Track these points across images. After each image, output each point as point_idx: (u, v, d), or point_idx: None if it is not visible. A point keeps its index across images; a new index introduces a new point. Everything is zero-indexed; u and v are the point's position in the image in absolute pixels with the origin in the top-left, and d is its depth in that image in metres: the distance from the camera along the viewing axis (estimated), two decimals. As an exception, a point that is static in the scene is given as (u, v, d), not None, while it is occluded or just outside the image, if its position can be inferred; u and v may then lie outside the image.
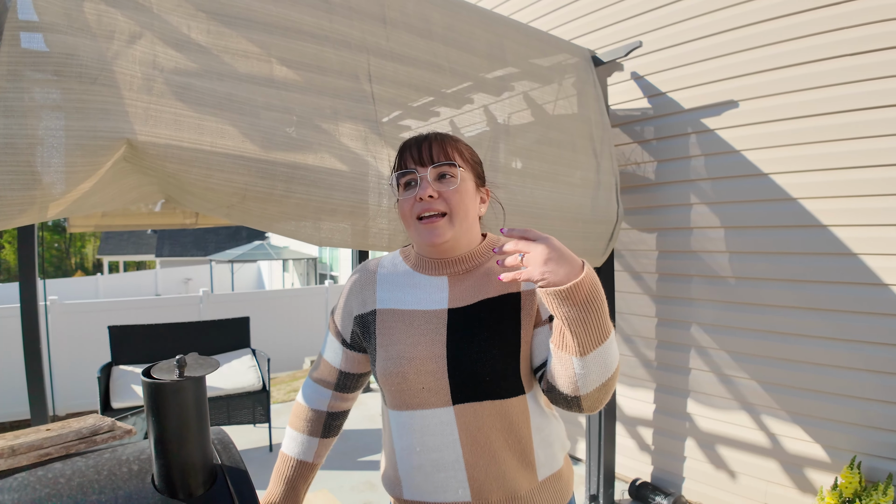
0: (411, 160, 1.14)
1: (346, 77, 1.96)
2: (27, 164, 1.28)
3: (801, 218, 2.73)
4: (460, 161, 1.16)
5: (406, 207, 1.14)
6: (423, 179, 1.12)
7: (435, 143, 1.15)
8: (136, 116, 1.44)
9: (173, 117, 1.51)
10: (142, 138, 1.44)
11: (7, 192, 1.28)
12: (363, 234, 2.00)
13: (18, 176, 1.29)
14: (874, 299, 2.53)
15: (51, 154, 1.31)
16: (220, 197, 1.66)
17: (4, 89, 1.27)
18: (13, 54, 1.29)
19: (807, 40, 2.65)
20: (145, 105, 1.47)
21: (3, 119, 1.26)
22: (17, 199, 1.30)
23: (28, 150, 1.28)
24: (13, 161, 1.27)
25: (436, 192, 1.11)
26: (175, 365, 0.88)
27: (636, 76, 3.39)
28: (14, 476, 0.87)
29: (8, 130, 1.26)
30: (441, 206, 1.12)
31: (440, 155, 1.14)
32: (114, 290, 17.94)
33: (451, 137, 1.18)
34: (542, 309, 1.14)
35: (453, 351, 1.11)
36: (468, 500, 1.12)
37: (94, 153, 1.37)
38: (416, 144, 1.15)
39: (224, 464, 0.97)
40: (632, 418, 3.60)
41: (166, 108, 1.51)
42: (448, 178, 1.13)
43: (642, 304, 3.48)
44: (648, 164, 3.39)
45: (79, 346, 7.24)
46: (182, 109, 1.53)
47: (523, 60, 2.68)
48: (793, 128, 2.73)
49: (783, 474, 2.86)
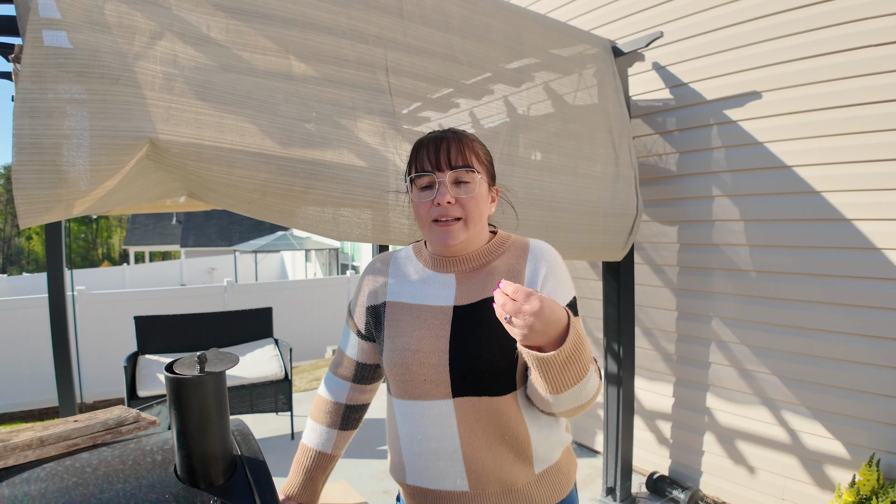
0: (428, 162, 1.15)
1: (364, 71, 1.98)
2: (53, 163, 1.32)
3: (826, 211, 2.69)
4: (477, 164, 1.17)
5: (423, 210, 1.16)
6: (441, 185, 1.13)
7: (453, 145, 1.15)
8: (157, 116, 1.47)
9: (194, 116, 1.54)
10: (164, 137, 1.47)
11: (34, 191, 1.32)
12: (383, 228, 2.02)
13: (45, 175, 1.32)
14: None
15: (75, 153, 1.34)
16: (241, 193, 1.69)
17: (29, 90, 1.30)
18: (37, 56, 1.32)
19: (832, 30, 2.60)
20: (166, 104, 1.49)
21: (29, 120, 1.29)
22: (43, 198, 1.34)
23: (53, 150, 1.32)
24: (39, 160, 1.31)
25: (454, 198, 1.13)
26: (196, 361, 0.91)
27: (657, 66, 3.35)
28: (42, 466, 0.91)
29: (33, 131, 1.30)
30: (457, 212, 1.14)
31: (458, 159, 1.15)
32: (140, 280, 18.28)
33: (467, 138, 1.19)
34: None
35: (455, 346, 1.14)
36: (466, 490, 1.16)
37: (117, 152, 1.40)
38: (433, 145, 1.16)
39: (244, 455, 0.99)
40: (650, 412, 3.59)
41: (187, 106, 1.53)
42: (465, 184, 1.15)
43: (663, 298, 3.45)
44: (670, 156, 3.36)
45: (106, 335, 7.40)
46: (202, 108, 1.56)
47: (542, 51, 2.67)
48: (817, 119, 2.68)
49: (802, 470, 2.84)
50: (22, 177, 1.30)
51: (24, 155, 1.29)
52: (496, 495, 1.16)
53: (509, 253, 1.21)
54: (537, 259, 1.18)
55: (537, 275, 1.17)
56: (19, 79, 1.32)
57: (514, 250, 1.22)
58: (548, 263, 1.18)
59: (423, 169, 1.15)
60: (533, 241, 1.23)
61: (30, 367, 6.98)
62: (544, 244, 1.23)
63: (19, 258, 42.12)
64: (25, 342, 7.07)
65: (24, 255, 42.42)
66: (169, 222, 24.78)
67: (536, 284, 1.16)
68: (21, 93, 1.30)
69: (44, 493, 0.84)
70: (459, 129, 1.22)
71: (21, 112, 1.29)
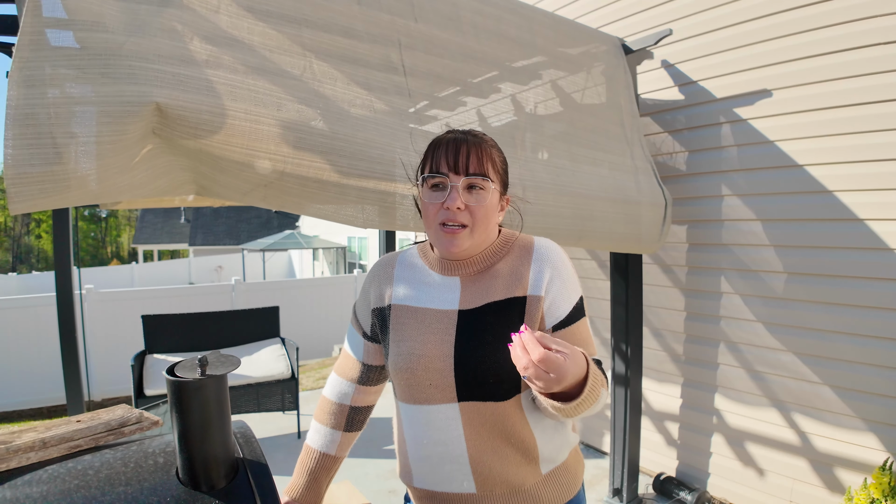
0: (445, 164, 1.12)
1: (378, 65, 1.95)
2: (49, 135, 1.21)
3: (837, 211, 2.66)
4: (492, 173, 1.15)
5: (431, 211, 1.14)
6: (453, 189, 1.11)
7: (473, 150, 1.13)
8: (165, 81, 1.37)
9: (206, 83, 1.45)
10: (172, 103, 1.37)
11: (27, 168, 1.20)
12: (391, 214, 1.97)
13: (39, 150, 1.21)
14: (912, 295, 2.45)
15: (75, 124, 1.23)
16: (255, 176, 1.62)
17: (26, 59, 1.22)
18: (35, 24, 1.24)
19: (843, 27, 2.56)
20: (175, 70, 1.40)
21: (25, 89, 1.20)
22: (36, 177, 1.22)
23: (50, 122, 1.21)
24: (33, 133, 1.20)
25: (464, 204, 1.11)
26: (197, 364, 0.90)
27: (666, 64, 3.33)
28: (45, 468, 0.90)
29: (29, 100, 1.20)
30: (465, 219, 1.12)
31: (475, 165, 1.12)
32: (148, 279, 18.40)
33: (486, 143, 1.16)
34: (546, 316, 1.15)
35: (460, 351, 1.13)
36: (473, 492, 1.15)
37: (120, 120, 1.30)
38: (452, 147, 1.13)
39: (245, 457, 0.99)
40: (658, 412, 3.57)
41: (197, 73, 1.45)
42: (477, 192, 1.13)
43: (671, 298, 3.43)
44: (679, 155, 3.33)
45: (114, 333, 7.45)
46: (213, 74, 1.48)
47: (554, 47, 2.66)
48: (829, 118, 2.65)
49: (811, 473, 2.81)
50: (15, 153, 1.19)
51: (17, 128, 1.19)
52: (504, 496, 1.15)
53: (513, 254, 1.19)
54: (542, 261, 1.16)
55: (541, 278, 1.14)
56: (16, 47, 1.23)
57: (518, 251, 1.19)
58: (552, 265, 1.15)
59: (439, 170, 1.13)
60: (538, 241, 1.20)
61: (39, 365, 7.03)
62: (550, 243, 1.20)
63: (29, 257, 42.46)
64: (35, 340, 7.12)
65: (34, 254, 42.76)
66: (177, 221, 24.91)
67: (540, 288, 1.14)
68: (18, 62, 1.21)
69: (45, 496, 0.84)
70: (479, 133, 1.19)
71: (17, 81, 1.20)
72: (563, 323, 1.14)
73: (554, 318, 1.14)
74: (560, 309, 1.14)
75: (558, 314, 1.14)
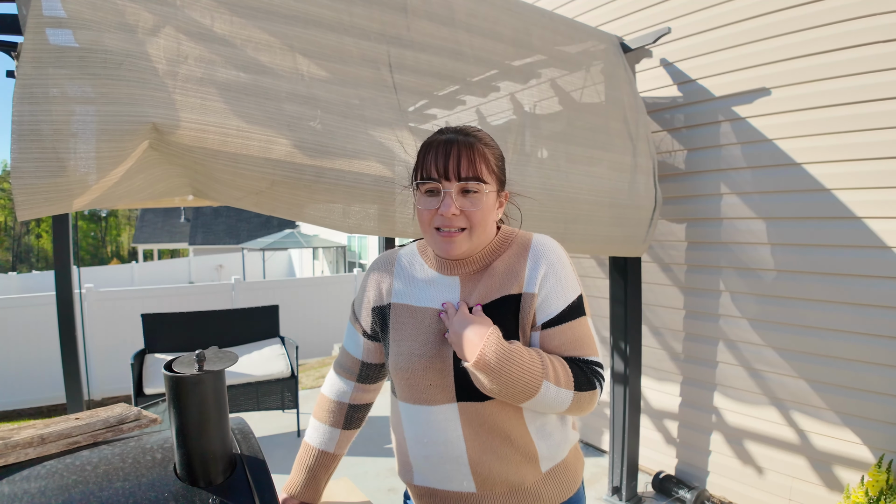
0: (435, 170, 1.10)
1: (368, 68, 1.96)
2: (52, 150, 1.27)
3: (836, 209, 2.66)
4: (486, 174, 1.12)
5: (426, 217, 1.13)
6: (447, 195, 1.10)
7: (464, 153, 1.10)
8: (161, 102, 1.43)
9: (200, 102, 1.50)
10: (168, 122, 1.43)
11: (33, 180, 1.27)
12: (390, 220, 1.98)
13: (44, 163, 1.27)
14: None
15: (77, 140, 1.29)
16: (248, 183, 1.66)
17: (29, 76, 1.26)
18: (37, 42, 1.28)
19: (842, 25, 2.56)
20: (171, 91, 1.46)
21: (29, 106, 1.25)
22: (42, 188, 1.29)
23: (54, 137, 1.27)
24: (38, 148, 1.26)
25: (458, 209, 1.10)
26: (195, 359, 0.90)
27: (665, 63, 3.33)
28: (43, 464, 0.90)
29: (33, 117, 1.25)
30: (462, 223, 1.11)
31: (468, 169, 1.10)
32: (148, 278, 18.39)
33: (479, 142, 1.14)
34: (537, 313, 1.14)
35: None
36: (473, 491, 1.15)
37: (120, 138, 1.36)
38: (443, 150, 1.11)
39: (243, 453, 0.99)
40: (657, 411, 3.57)
41: (192, 93, 1.50)
42: (472, 195, 1.11)
43: (670, 296, 3.43)
44: (678, 153, 3.33)
45: (114, 332, 7.45)
46: (207, 95, 1.52)
47: (551, 46, 2.66)
48: (828, 116, 2.65)
49: (810, 471, 2.81)
50: (21, 165, 1.25)
51: (23, 142, 1.25)
52: (504, 495, 1.15)
53: (511, 251, 1.18)
54: (537, 257, 1.15)
55: (536, 273, 1.13)
56: (20, 64, 1.28)
57: (516, 248, 1.18)
58: (548, 261, 1.14)
59: (430, 176, 1.11)
60: (536, 237, 1.19)
61: (39, 364, 7.03)
62: (548, 240, 1.18)
63: (29, 256, 42.44)
64: (35, 339, 7.12)
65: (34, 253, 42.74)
66: (177, 220, 24.89)
67: (535, 284, 1.13)
68: (21, 78, 1.26)
69: (44, 491, 0.84)
70: (472, 131, 1.16)
71: (21, 98, 1.25)
72: (553, 321, 1.12)
73: (545, 315, 1.13)
74: (552, 307, 1.13)
75: (549, 312, 1.13)
